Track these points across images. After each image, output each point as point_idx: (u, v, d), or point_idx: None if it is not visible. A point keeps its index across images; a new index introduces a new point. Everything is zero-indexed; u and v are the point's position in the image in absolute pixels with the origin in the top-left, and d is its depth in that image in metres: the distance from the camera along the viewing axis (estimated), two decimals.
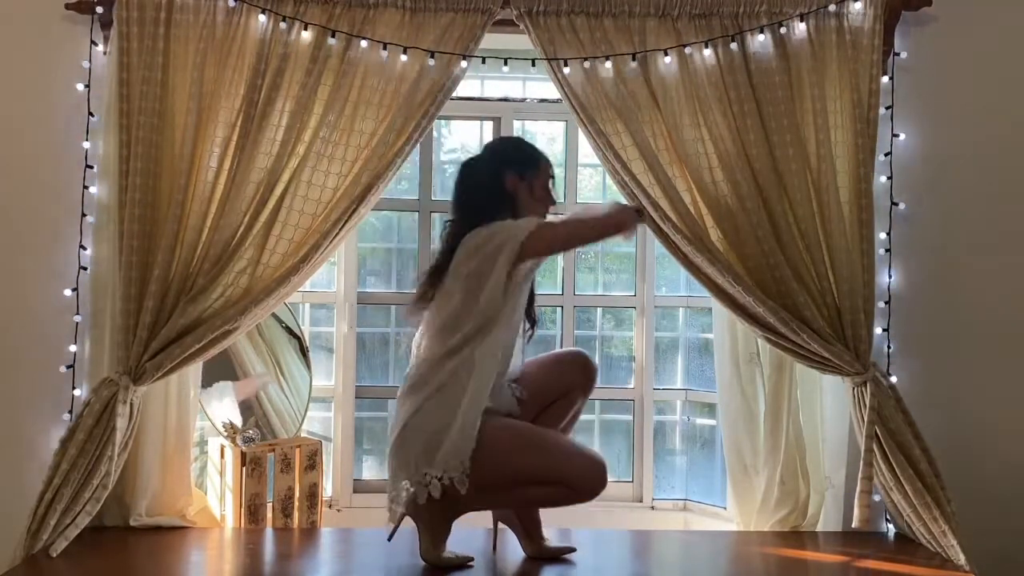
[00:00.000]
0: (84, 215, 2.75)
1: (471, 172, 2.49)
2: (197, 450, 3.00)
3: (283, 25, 2.68)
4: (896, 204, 2.86)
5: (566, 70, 2.72)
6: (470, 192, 2.44)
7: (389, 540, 2.39)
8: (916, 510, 2.63)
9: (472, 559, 2.42)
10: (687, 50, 2.74)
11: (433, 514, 2.35)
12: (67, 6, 2.74)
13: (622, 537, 2.90)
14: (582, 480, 2.30)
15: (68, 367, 2.73)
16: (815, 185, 2.72)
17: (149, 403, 2.68)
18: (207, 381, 2.90)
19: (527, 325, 2.54)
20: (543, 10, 2.76)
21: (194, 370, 2.78)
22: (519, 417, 2.43)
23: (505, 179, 2.43)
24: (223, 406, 2.93)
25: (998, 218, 2.94)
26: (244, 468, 2.77)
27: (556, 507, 2.42)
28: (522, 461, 2.30)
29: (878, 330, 2.79)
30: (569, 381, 2.51)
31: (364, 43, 2.70)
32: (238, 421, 2.87)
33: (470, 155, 2.55)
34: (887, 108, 2.84)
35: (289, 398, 3.08)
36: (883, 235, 2.83)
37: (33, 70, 2.80)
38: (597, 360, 3.39)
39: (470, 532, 2.59)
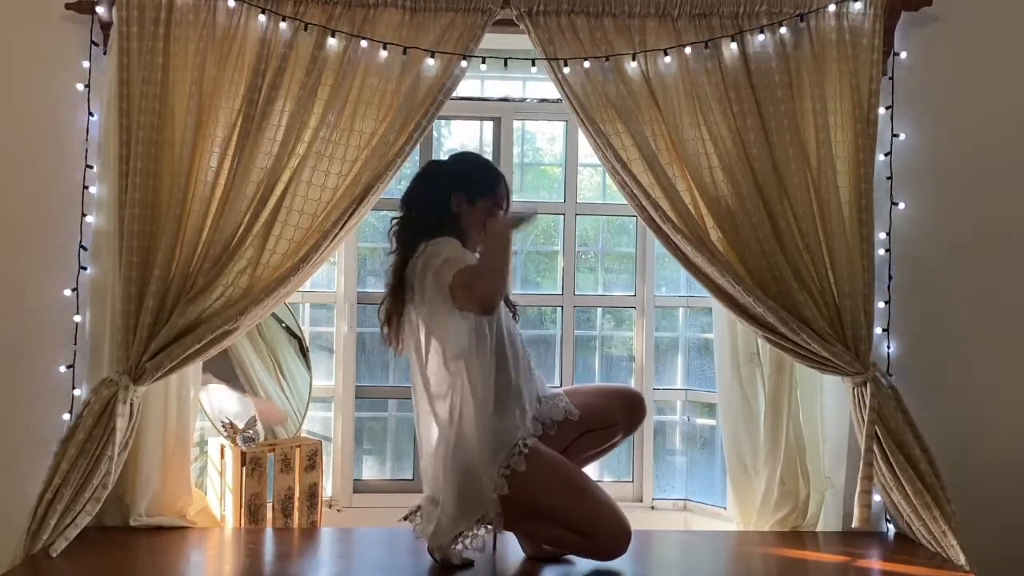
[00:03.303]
0: (84, 215, 2.75)
1: (429, 178, 2.50)
2: (197, 450, 3.00)
3: (283, 25, 2.68)
4: (896, 204, 2.86)
5: (566, 70, 2.72)
6: (421, 197, 2.44)
7: (405, 519, 2.42)
8: (916, 510, 2.63)
9: (472, 561, 2.42)
10: (687, 50, 2.74)
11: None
12: (67, 6, 2.74)
13: None
14: (606, 541, 2.31)
15: (68, 367, 2.73)
16: (815, 185, 2.72)
17: (149, 403, 2.68)
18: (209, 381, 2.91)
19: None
20: (543, 10, 2.76)
21: (194, 370, 2.78)
22: (562, 431, 2.44)
23: (451, 199, 2.42)
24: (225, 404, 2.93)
25: (998, 218, 2.94)
26: (244, 468, 2.77)
27: (571, 553, 2.44)
28: (556, 503, 2.30)
29: (878, 330, 2.79)
30: (617, 416, 2.53)
31: (364, 43, 2.70)
32: (238, 421, 2.87)
33: (439, 159, 2.55)
34: (887, 108, 2.84)
35: (289, 398, 3.08)
36: (883, 235, 2.83)
37: (33, 70, 2.80)
38: (597, 360, 3.41)
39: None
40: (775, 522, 2.87)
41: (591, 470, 2.60)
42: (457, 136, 3.54)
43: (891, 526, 2.82)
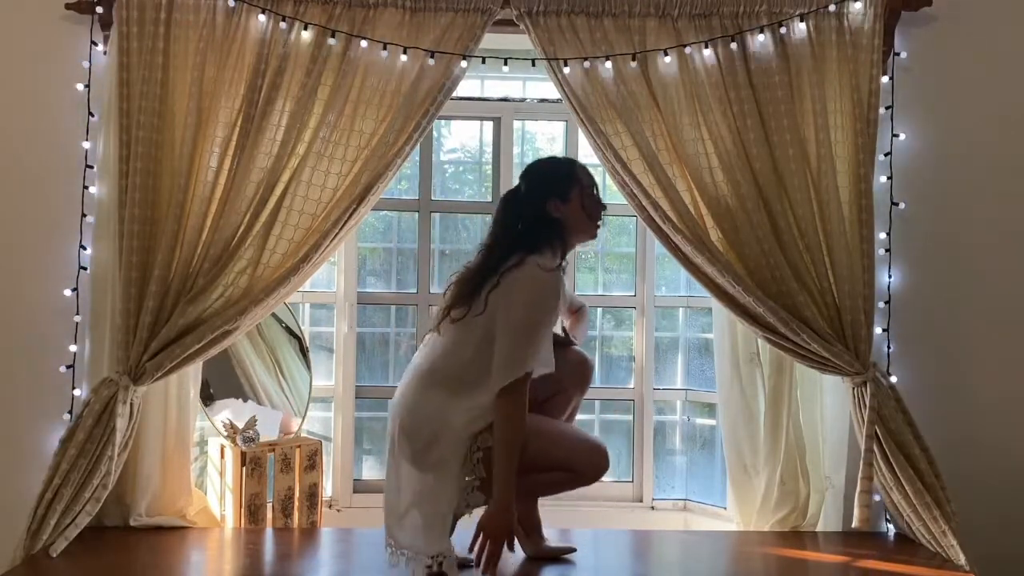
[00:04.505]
0: (84, 215, 2.75)
1: (513, 206, 2.45)
2: (197, 450, 3.00)
3: (283, 25, 2.68)
4: (896, 204, 2.86)
5: (566, 70, 2.72)
6: (515, 222, 2.40)
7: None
8: (916, 510, 2.63)
9: (472, 560, 2.41)
10: (687, 50, 2.74)
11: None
12: (67, 6, 2.74)
13: (622, 537, 2.90)
14: (585, 465, 2.35)
15: (68, 367, 2.73)
16: (815, 185, 2.72)
17: (149, 403, 2.68)
18: (215, 386, 2.92)
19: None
20: (543, 10, 2.76)
21: (194, 370, 2.78)
22: None
23: (548, 207, 2.40)
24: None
25: (998, 218, 2.94)
26: (244, 468, 2.77)
27: (562, 492, 2.45)
28: (525, 452, 2.28)
29: (878, 330, 2.79)
30: (564, 379, 2.48)
31: (364, 43, 2.70)
32: (238, 421, 2.87)
33: (513, 188, 2.51)
34: (887, 108, 2.84)
35: (289, 398, 3.08)
36: (883, 235, 2.83)
37: (33, 70, 2.80)
38: (597, 360, 3.41)
39: (470, 532, 2.58)
40: (775, 522, 2.87)
41: None
42: (457, 136, 3.55)
43: (891, 526, 2.83)
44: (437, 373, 2.34)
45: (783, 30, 2.75)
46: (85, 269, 2.74)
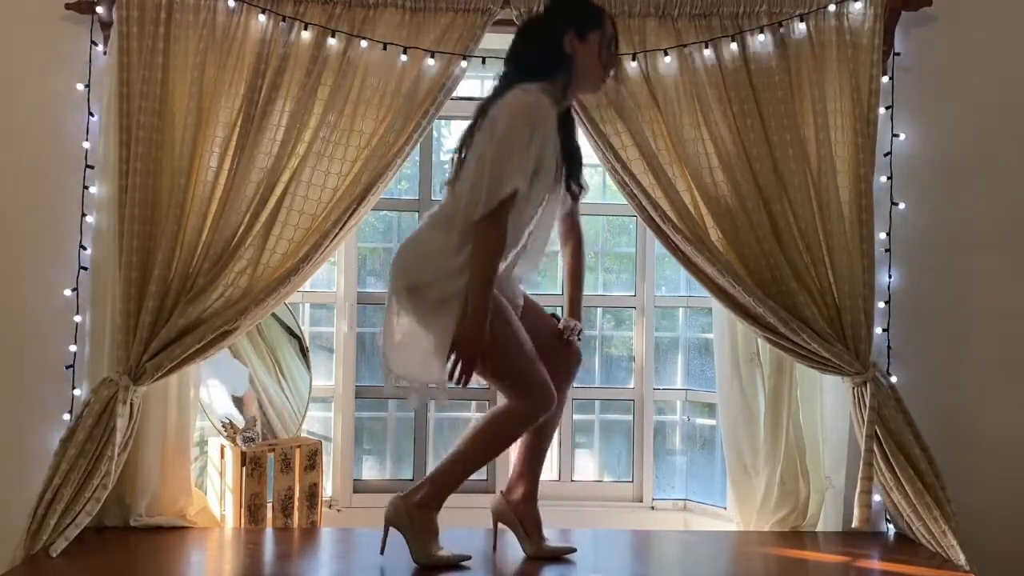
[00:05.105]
0: (84, 215, 2.75)
1: (530, 30, 2.42)
2: (197, 450, 3.00)
3: (283, 25, 2.68)
4: (896, 204, 2.86)
5: None
6: (527, 50, 2.37)
7: (382, 553, 2.43)
8: (916, 510, 2.63)
9: (469, 557, 2.42)
10: (687, 50, 2.74)
11: (413, 517, 2.37)
12: (67, 6, 2.75)
13: (622, 537, 2.90)
14: (537, 392, 2.33)
15: (68, 367, 2.74)
16: (815, 185, 2.72)
17: (149, 403, 2.68)
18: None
19: (575, 189, 2.53)
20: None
21: (194, 370, 2.78)
22: None
23: (564, 38, 2.35)
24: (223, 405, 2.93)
25: (998, 218, 2.94)
26: (244, 468, 2.77)
27: (514, 435, 2.41)
28: (497, 348, 2.27)
29: (878, 330, 2.79)
30: (551, 370, 2.42)
31: (364, 43, 2.70)
32: (238, 421, 2.87)
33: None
34: (887, 108, 2.84)
35: (289, 398, 3.08)
36: (883, 235, 2.83)
37: (33, 70, 2.80)
38: (597, 360, 3.41)
39: (470, 532, 2.59)
40: (775, 522, 2.87)
41: (589, 470, 2.55)
42: (457, 136, 3.53)
43: (891, 526, 2.83)
44: (450, 218, 2.35)
45: (783, 30, 2.75)
46: (85, 269, 2.74)
